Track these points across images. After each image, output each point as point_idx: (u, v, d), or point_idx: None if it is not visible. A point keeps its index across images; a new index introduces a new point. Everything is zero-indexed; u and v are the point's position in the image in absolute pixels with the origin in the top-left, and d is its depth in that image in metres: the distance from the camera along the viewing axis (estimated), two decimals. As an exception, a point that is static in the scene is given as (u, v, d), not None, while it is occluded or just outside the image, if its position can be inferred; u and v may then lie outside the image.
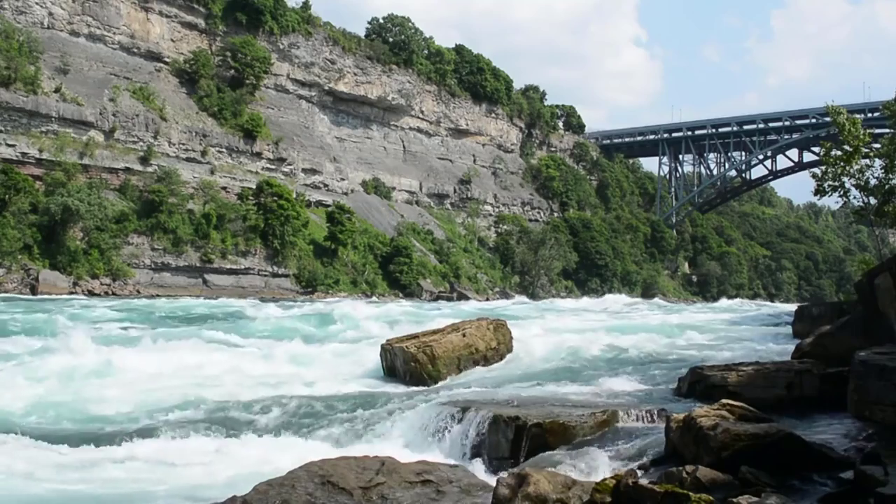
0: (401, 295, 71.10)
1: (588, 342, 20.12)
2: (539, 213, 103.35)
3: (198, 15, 72.23)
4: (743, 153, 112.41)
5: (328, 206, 75.01)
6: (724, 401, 8.40)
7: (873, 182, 24.75)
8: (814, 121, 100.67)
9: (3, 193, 49.83)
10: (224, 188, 66.04)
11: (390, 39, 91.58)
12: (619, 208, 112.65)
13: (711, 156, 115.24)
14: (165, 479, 8.83)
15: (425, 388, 14.00)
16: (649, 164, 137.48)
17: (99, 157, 58.02)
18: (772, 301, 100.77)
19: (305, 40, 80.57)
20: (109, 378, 14.75)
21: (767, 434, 7.15)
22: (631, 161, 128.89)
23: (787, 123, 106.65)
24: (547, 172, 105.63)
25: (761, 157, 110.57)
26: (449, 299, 68.77)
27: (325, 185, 79.27)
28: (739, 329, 28.57)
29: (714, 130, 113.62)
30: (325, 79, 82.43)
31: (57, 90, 56.90)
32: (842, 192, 25.21)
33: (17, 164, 52.56)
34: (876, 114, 61.38)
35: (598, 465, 8.24)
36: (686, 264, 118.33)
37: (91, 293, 49.83)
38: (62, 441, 10.63)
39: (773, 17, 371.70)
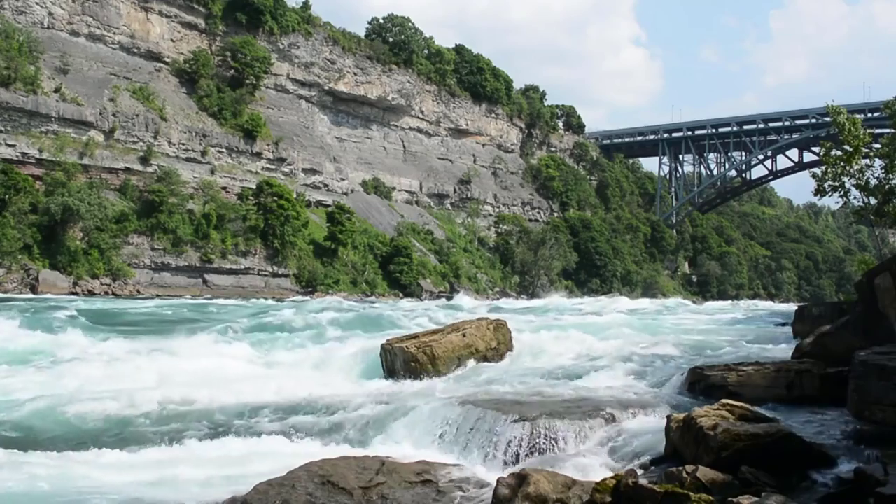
0: (401, 295, 71.00)
1: (588, 342, 20.08)
2: (539, 213, 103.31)
3: (198, 15, 72.20)
4: (743, 153, 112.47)
5: (328, 206, 75.03)
6: (724, 401, 8.40)
7: (873, 182, 24.80)
8: (814, 121, 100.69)
9: (3, 193, 49.83)
10: (224, 188, 66.03)
11: (390, 39, 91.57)
12: (619, 208, 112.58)
13: (711, 156, 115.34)
14: (164, 478, 8.82)
15: (425, 388, 13.99)
16: (649, 164, 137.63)
17: (99, 157, 58.03)
18: (772, 301, 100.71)
19: (305, 40, 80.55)
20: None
21: (767, 434, 7.15)
22: (631, 161, 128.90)
23: (787, 123, 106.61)
24: (547, 172, 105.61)
25: (761, 157, 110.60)
26: (448, 299, 68.58)
27: (325, 185, 79.27)
28: (739, 329, 28.52)
29: (714, 130, 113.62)
30: (325, 79, 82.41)
31: (57, 90, 56.88)
32: (842, 192, 25.24)
33: (17, 164, 52.57)
34: (876, 114, 61.43)
35: (598, 465, 8.25)
36: (686, 264, 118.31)
37: (91, 293, 49.80)
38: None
39: (772, 17, 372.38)
